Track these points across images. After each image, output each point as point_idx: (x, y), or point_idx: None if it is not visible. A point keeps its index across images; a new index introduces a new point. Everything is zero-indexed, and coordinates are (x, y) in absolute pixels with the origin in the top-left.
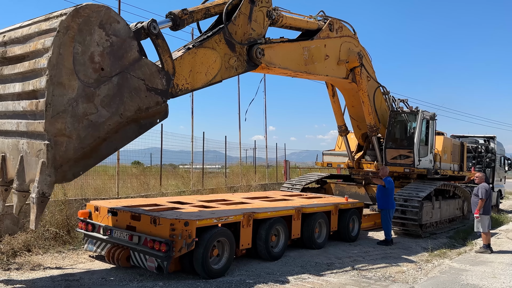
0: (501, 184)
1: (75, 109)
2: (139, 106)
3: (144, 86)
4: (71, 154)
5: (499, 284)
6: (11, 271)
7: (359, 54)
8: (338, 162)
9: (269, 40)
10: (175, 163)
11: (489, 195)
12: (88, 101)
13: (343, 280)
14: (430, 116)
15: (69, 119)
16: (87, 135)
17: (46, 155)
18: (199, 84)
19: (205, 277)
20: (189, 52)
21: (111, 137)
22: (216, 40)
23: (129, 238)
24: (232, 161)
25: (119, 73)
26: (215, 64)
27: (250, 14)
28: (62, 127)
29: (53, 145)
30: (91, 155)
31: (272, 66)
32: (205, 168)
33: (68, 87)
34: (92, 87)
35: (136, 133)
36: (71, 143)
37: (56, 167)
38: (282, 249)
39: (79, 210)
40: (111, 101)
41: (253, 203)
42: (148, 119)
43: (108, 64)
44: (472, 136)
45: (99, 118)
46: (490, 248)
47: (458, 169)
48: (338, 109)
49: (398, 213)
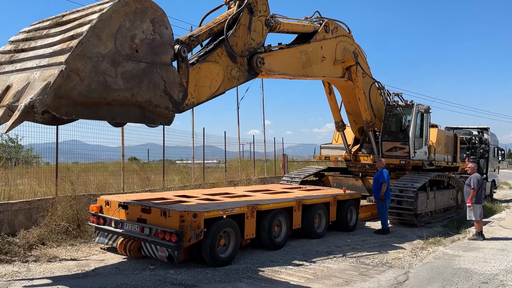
0: (494, 174)
1: (99, 63)
2: (151, 99)
3: (163, 87)
4: (74, 94)
5: (490, 267)
6: (30, 263)
7: (354, 53)
8: (335, 155)
9: (268, 48)
10: (172, 158)
11: (481, 184)
12: (112, 64)
13: (343, 266)
14: (424, 109)
15: (90, 67)
16: (96, 89)
17: (55, 78)
18: (204, 97)
19: (213, 265)
20: (194, 67)
21: (115, 106)
22: (219, 53)
23: (140, 230)
24: (229, 156)
25: (148, 63)
26: (218, 76)
27: (249, 25)
28: (81, 68)
29: (65, 75)
30: (90, 108)
31: (272, 73)
32: (201, 175)
33: (103, 43)
34: (121, 57)
35: (137, 118)
36: (80, 86)
37: (56, 95)
38: (284, 238)
39: (90, 204)
40: (130, 79)
41: (255, 196)
42: (152, 115)
43: (143, 50)
44: (466, 127)
45: (113, 84)
46: (483, 235)
47: (452, 160)
48: (335, 106)
49: (394, 203)
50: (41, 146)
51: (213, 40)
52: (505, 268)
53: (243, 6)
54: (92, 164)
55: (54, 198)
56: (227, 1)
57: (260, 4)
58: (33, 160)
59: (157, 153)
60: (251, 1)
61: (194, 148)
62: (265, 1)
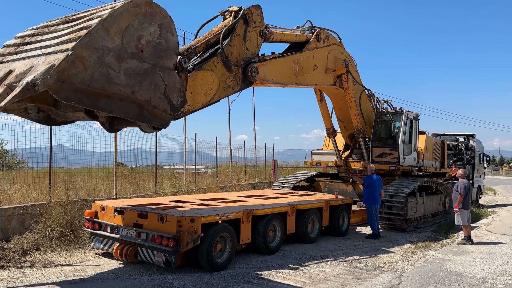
0: (480, 180)
1: (104, 56)
2: (150, 99)
3: (164, 90)
4: (77, 81)
5: (479, 271)
6: (25, 268)
7: (345, 61)
8: (326, 161)
9: (262, 57)
10: (159, 164)
11: (468, 190)
12: (117, 59)
13: (337, 270)
14: (413, 116)
15: (95, 57)
16: (98, 80)
17: (60, 62)
18: (199, 105)
19: (209, 270)
20: (190, 75)
21: (114, 99)
22: (214, 62)
23: (136, 235)
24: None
25: (152, 64)
26: (213, 84)
27: (244, 35)
28: (86, 57)
29: (70, 60)
30: (90, 97)
31: (266, 82)
32: (192, 168)
33: (111, 37)
34: (126, 54)
35: (135, 116)
36: (83, 74)
37: (59, 78)
38: (278, 243)
39: (85, 210)
40: (133, 76)
41: (250, 201)
42: (150, 115)
43: (148, 52)
44: (452, 134)
45: (115, 78)
46: (471, 240)
47: (440, 166)
48: (326, 113)
49: (384, 208)
50: (26, 151)
51: (208, 49)
52: (494, 271)
53: (239, 17)
54: (79, 169)
55: (47, 203)
56: (222, 12)
57: (255, 15)
58: (18, 165)
59: (144, 158)
60: (246, 12)
61: (183, 153)
62: (260, 12)
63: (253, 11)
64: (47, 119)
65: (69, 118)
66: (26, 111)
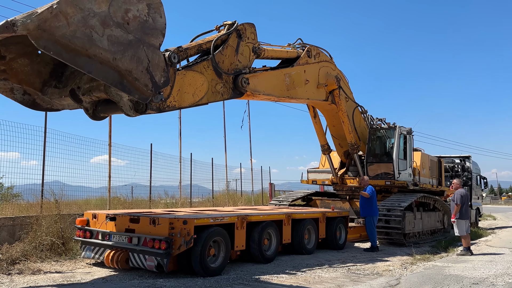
0: (478, 202)
1: (89, 17)
2: (131, 70)
3: (147, 65)
4: (58, 33)
5: (479, 273)
6: (13, 275)
7: (336, 77)
8: (322, 179)
9: (253, 69)
10: (154, 198)
11: (466, 200)
12: (101, 24)
13: (334, 275)
14: (407, 131)
15: (79, 16)
16: (80, 38)
17: (42, 10)
18: (186, 103)
19: (202, 275)
20: (179, 73)
21: (94, 61)
22: (205, 66)
23: (128, 240)
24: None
25: (136, 38)
26: (202, 87)
27: (237, 47)
28: (70, 13)
29: (53, 12)
30: (69, 52)
31: (257, 93)
32: (188, 200)
33: (98, 3)
34: (111, 22)
35: (115, 82)
36: (65, 29)
37: (40, 26)
38: (274, 252)
39: (77, 218)
40: (116, 44)
41: (245, 211)
42: (130, 86)
43: (134, 26)
44: (448, 156)
45: (98, 41)
46: (470, 251)
47: (437, 184)
48: (320, 129)
49: (382, 222)
50: (22, 187)
51: (201, 56)
52: (494, 273)
53: (232, 29)
54: (74, 201)
55: (38, 215)
56: (217, 27)
57: (249, 32)
58: (12, 199)
59: (141, 192)
60: (240, 28)
61: (181, 187)
62: (253, 30)
63: (247, 28)
64: (32, 103)
65: (55, 105)
66: (12, 91)
